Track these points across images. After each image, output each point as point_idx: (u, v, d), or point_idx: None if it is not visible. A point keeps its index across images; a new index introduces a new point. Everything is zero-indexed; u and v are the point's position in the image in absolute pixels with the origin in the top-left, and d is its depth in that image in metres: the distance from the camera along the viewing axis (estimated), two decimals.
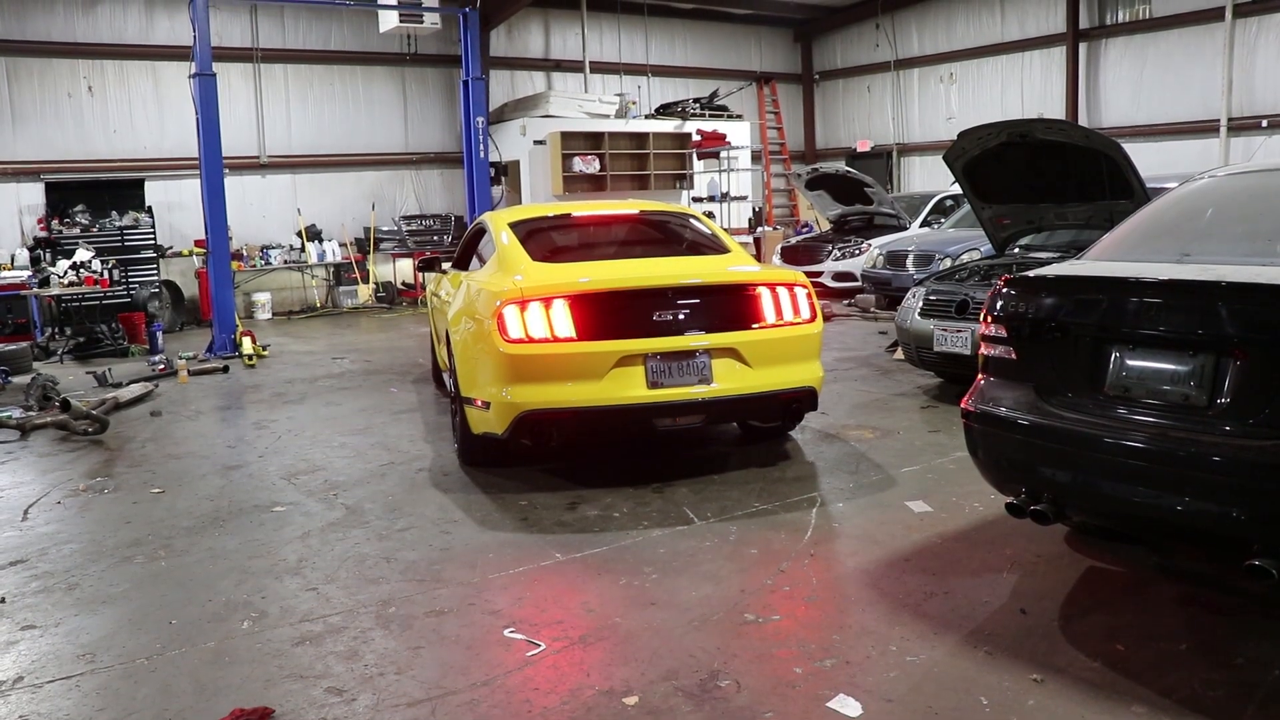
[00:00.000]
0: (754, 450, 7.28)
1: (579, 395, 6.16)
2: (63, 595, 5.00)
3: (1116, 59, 19.02)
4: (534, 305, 6.18)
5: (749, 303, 6.55)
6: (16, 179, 16.15)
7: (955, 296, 8.49)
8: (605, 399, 6.16)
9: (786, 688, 3.78)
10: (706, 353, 6.29)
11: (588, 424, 6.45)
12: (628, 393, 6.16)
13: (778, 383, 6.55)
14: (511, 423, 6.24)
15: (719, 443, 7.55)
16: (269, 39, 18.23)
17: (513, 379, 6.20)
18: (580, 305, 6.21)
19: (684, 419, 6.47)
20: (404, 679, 3.94)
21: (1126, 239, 4.78)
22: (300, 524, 5.97)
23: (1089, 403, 4.10)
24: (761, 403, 6.69)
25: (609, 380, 6.14)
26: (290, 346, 13.79)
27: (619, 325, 6.23)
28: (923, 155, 22.69)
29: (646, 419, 6.39)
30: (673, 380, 6.22)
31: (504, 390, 6.24)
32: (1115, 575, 4.85)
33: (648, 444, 7.52)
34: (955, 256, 13.31)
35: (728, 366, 6.35)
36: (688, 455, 7.24)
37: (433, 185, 20.05)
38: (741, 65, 24.09)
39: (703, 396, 6.27)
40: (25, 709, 3.83)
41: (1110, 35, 19.09)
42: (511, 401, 6.21)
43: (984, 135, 8.43)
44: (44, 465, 7.68)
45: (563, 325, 6.16)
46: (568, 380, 6.16)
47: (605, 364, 6.14)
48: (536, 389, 6.18)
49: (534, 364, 6.16)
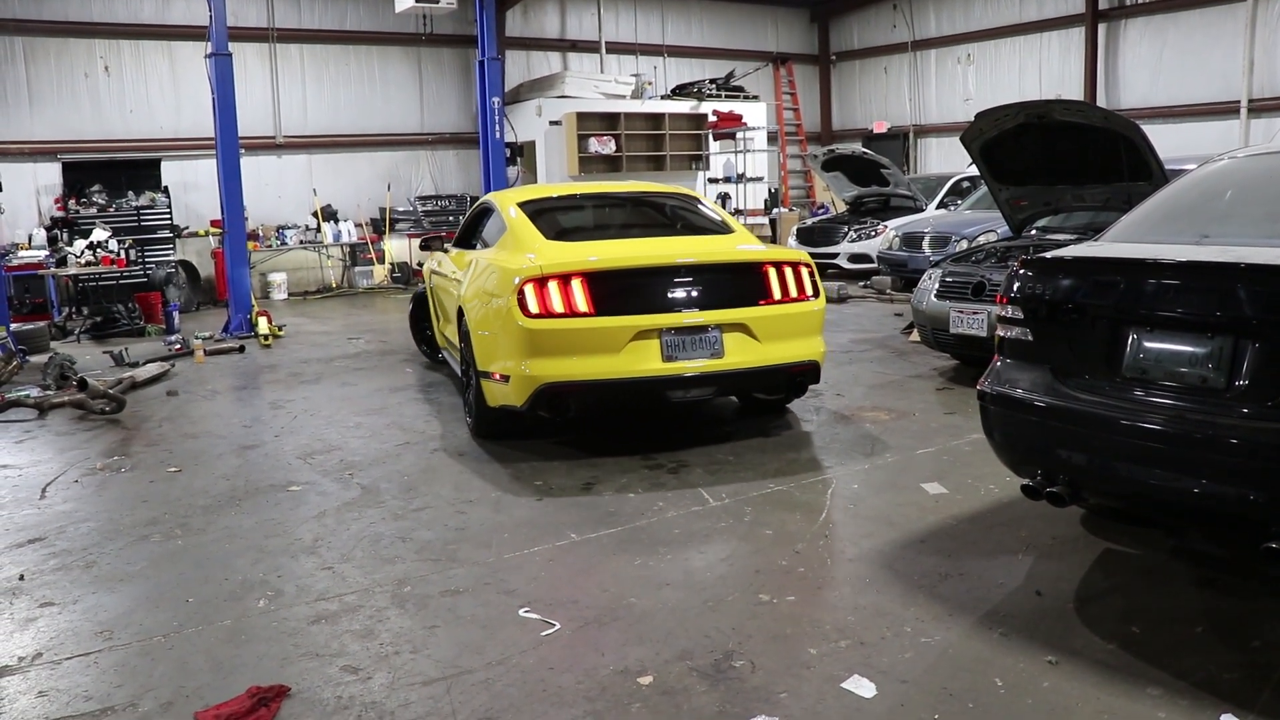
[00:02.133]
0: (769, 432, 7.28)
1: (597, 368, 6.35)
2: (80, 573, 5.03)
3: (1136, 39, 18.88)
4: (553, 282, 6.34)
5: (757, 281, 6.74)
6: (34, 159, 16.21)
7: (971, 278, 8.46)
8: (623, 372, 6.36)
9: (801, 668, 3.78)
10: (718, 328, 6.49)
11: (605, 396, 6.61)
12: (644, 366, 6.37)
13: (784, 356, 6.75)
14: (532, 395, 6.41)
15: (734, 424, 7.54)
16: (285, 19, 18.23)
17: (533, 353, 6.37)
18: (598, 282, 6.40)
19: (696, 391, 6.76)
20: (419, 658, 3.96)
21: (1145, 220, 4.75)
22: (316, 503, 5.99)
23: (1106, 385, 4.08)
24: (769, 376, 6.87)
25: (626, 354, 6.34)
26: (306, 327, 13.82)
27: (635, 301, 6.44)
28: (939, 137, 22.57)
29: (661, 391, 6.60)
30: (686, 354, 6.43)
31: (523, 364, 6.41)
32: (1131, 558, 4.83)
33: (664, 426, 7.52)
34: (971, 238, 13.26)
35: (738, 341, 6.55)
36: (703, 436, 7.24)
37: (448, 166, 20.05)
38: (758, 46, 23.98)
39: (715, 369, 6.49)
40: (45, 684, 3.86)
41: (1130, 15, 18.94)
42: (531, 375, 6.38)
43: (1002, 116, 8.37)
44: (62, 444, 7.72)
45: (581, 301, 6.35)
46: (586, 354, 6.34)
47: (623, 338, 6.33)
48: (556, 362, 6.36)
49: (554, 338, 6.34)
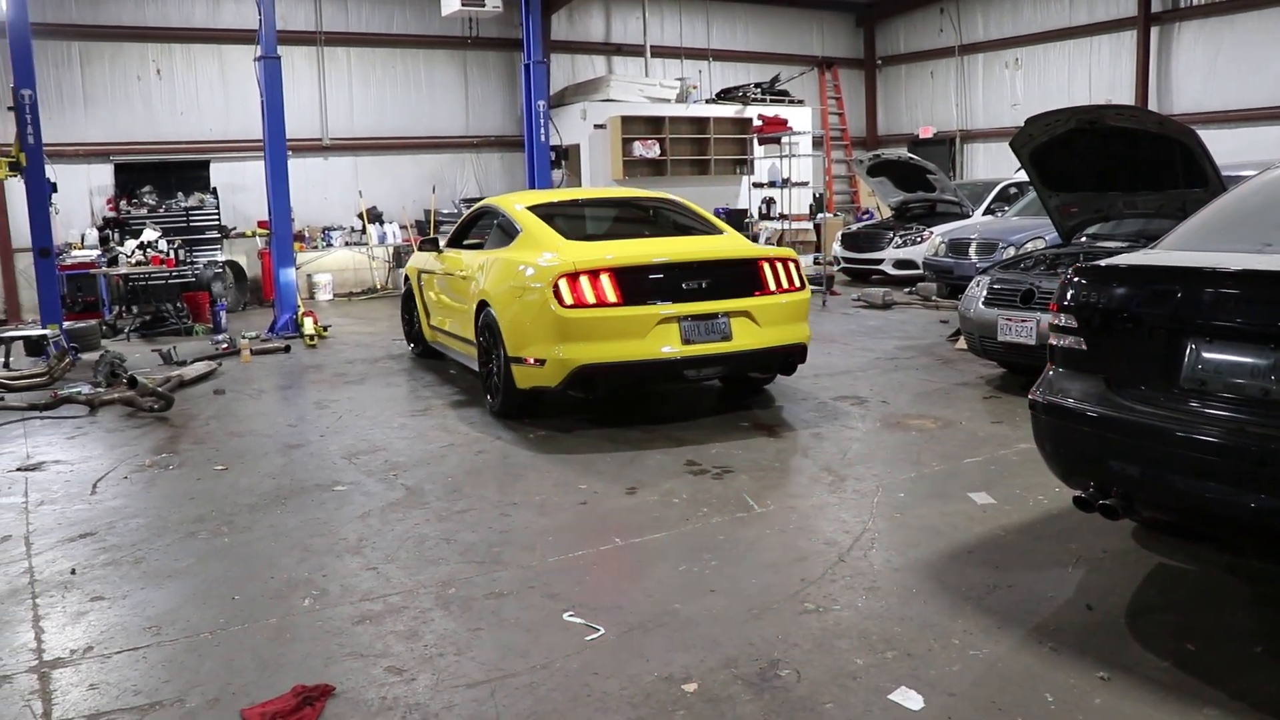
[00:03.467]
0: (814, 439, 7.23)
1: (626, 351, 7.24)
2: (130, 568, 5.08)
3: (1190, 43, 18.61)
4: (584, 277, 7.21)
5: (756, 274, 7.73)
6: (87, 160, 16.45)
7: (1020, 286, 8.35)
8: (648, 354, 7.26)
9: (847, 679, 3.74)
10: (727, 315, 7.46)
11: (633, 376, 7.56)
12: (666, 349, 7.28)
13: (780, 339, 7.74)
14: (567, 376, 7.26)
15: (778, 431, 7.50)
16: (333, 22, 18.39)
17: (567, 338, 7.20)
18: (624, 276, 7.29)
19: (709, 370, 7.72)
20: (463, 660, 3.96)
21: (1203, 228, 4.66)
22: (361, 503, 6.01)
23: (1162, 396, 4.00)
24: (769, 356, 7.83)
25: (651, 338, 7.25)
26: (350, 327, 13.91)
27: (657, 293, 7.34)
28: (986, 142, 22.39)
29: (680, 370, 7.52)
30: (701, 338, 7.37)
31: (558, 349, 7.23)
32: (1185, 573, 4.75)
33: (711, 432, 7.49)
34: (1019, 245, 13.13)
35: (743, 326, 7.52)
36: (748, 443, 7.20)
37: (493, 168, 20.12)
38: (803, 50, 23.88)
39: (725, 351, 7.44)
40: (95, 678, 3.90)
41: (1184, 19, 18.67)
42: (566, 358, 7.22)
43: (1052, 122, 8.28)
44: (111, 440, 7.81)
45: (610, 293, 7.22)
46: (616, 339, 7.22)
47: (648, 325, 7.24)
48: (589, 346, 7.21)
49: (587, 326, 7.19)
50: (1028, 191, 14.62)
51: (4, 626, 4.42)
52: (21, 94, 11.19)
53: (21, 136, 11.30)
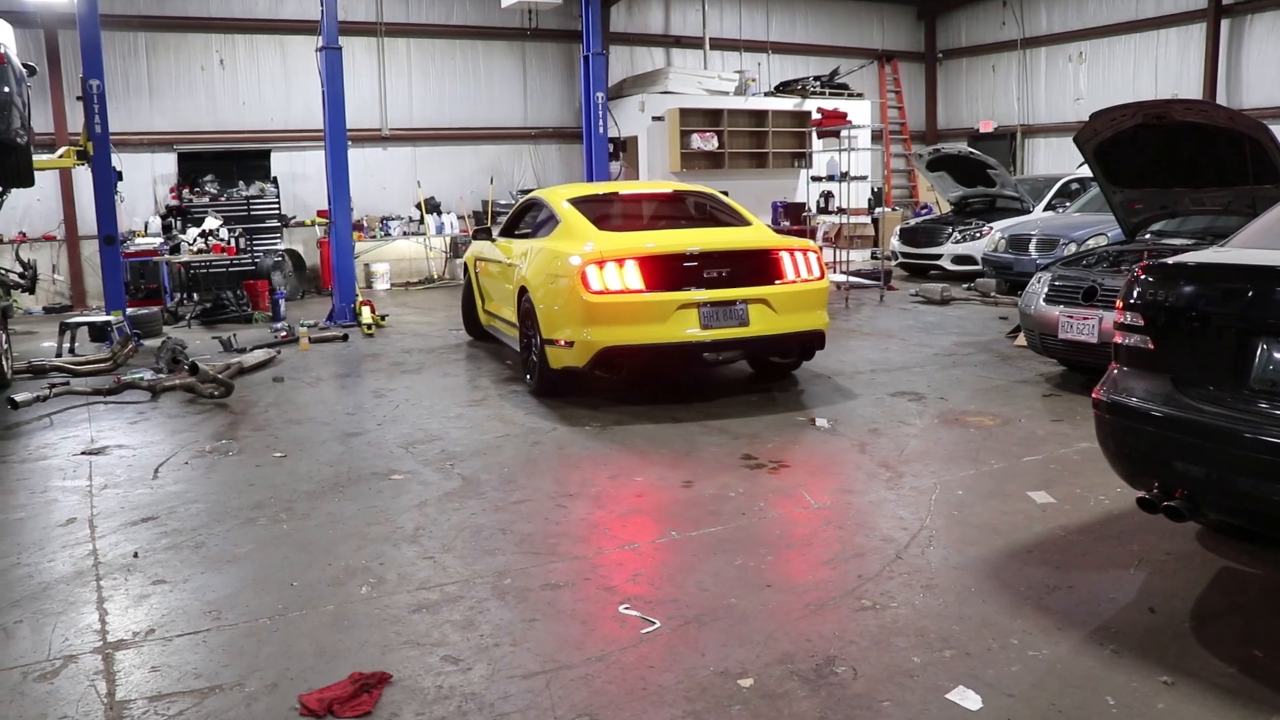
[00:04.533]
0: (872, 434, 7.18)
1: (648, 335, 7.70)
2: (190, 553, 5.15)
3: (1263, 35, 18.17)
4: (611, 264, 7.68)
5: (775, 264, 8.11)
6: (151, 149, 16.71)
7: (1083, 283, 8.22)
8: (669, 337, 7.71)
9: (904, 677, 3.71)
10: (745, 302, 7.85)
11: (654, 358, 7.97)
12: (685, 333, 7.71)
13: (797, 326, 8.12)
14: (593, 357, 7.76)
15: (838, 424, 7.45)
16: (393, 13, 18.50)
17: (594, 322, 7.68)
18: (647, 264, 7.72)
19: (726, 353, 8.14)
20: (519, 650, 3.97)
21: (1277, 225, 4.55)
22: (418, 493, 6.05)
23: (1230, 396, 3.92)
24: (786, 341, 8.25)
25: (671, 323, 7.69)
26: (408, 317, 14.02)
27: (678, 280, 7.74)
28: (1048, 137, 22.07)
29: (699, 353, 7.92)
30: (719, 323, 7.78)
31: (586, 331, 7.72)
32: (1251, 577, 4.65)
33: (767, 426, 7.47)
34: (1081, 241, 12.93)
35: (760, 312, 7.89)
36: (805, 437, 7.17)
37: (550, 160, 20.18)
38: (863, 43, 23.68)
39: (742, 335, 7.86)
40: (157, 660, 3.96)
41: (1257, 10, 18.21)
42: (592, 340, 7.72)
43: (1118, 116, 8.13)
44: (173, 426, 7.93)
45: (634, 280, 7.68)
46: (639, 323, 7.69)
47: (669, 310, 7.68)
48: (614, 330, 7.69)
49: (612, 310, 7.67)
50: (1090, 187, 14.37)
51: (70, 608, 4.50)
52: (90, 84, 11.39)
53: (89, 126, 11.50)
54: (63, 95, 15.82)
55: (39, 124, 13.73)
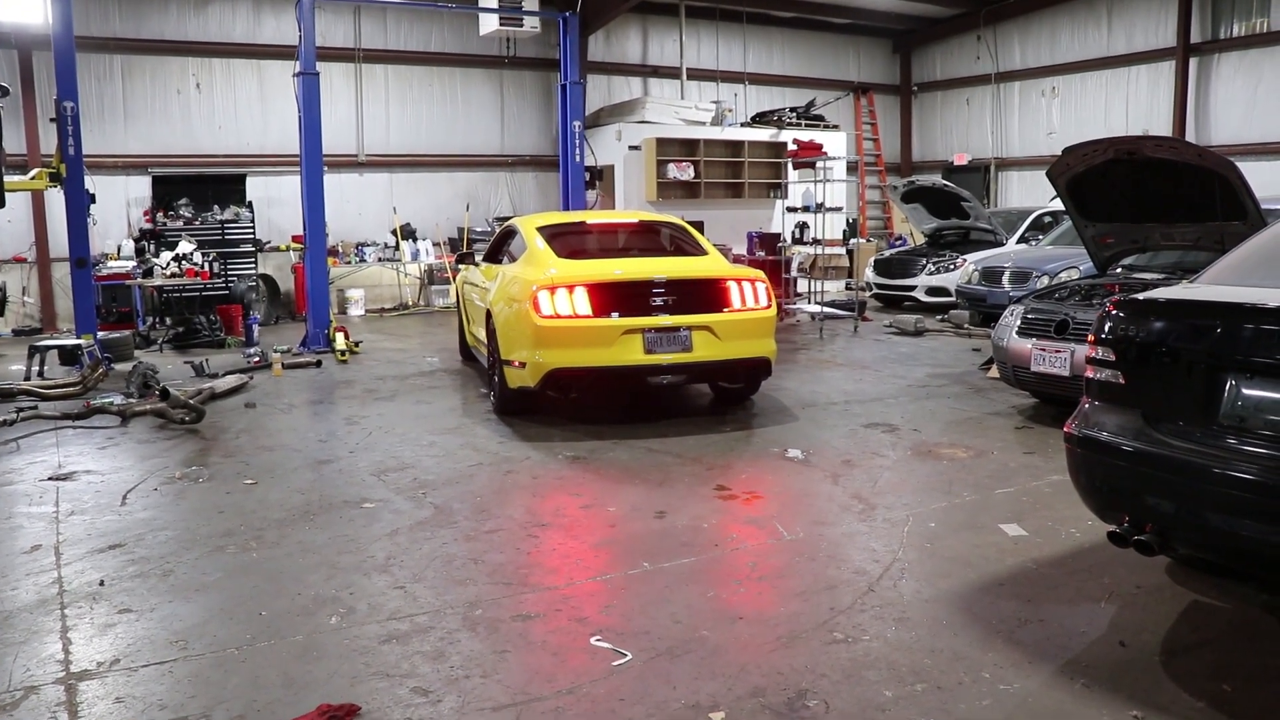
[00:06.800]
0: (845, 465, 7.19)
1: (595, 358, 8.06)
2: (158, 581, 5.09)
3: (1229, 74, 18.45)
4: (561, 290, 8.05)
5: (720, 292, 8.47)
6: (125, 172, 16.63)
7: (1055, 316, 8.29)
8: (613, 361, 8.07)
9: (876, 711, 3.70)
10: (688, 329, 8.19)
11: (599, 379, 8.27)
12: (630, 357, 8.08)
13: (741, 353, 8.46)
14: (543, 377, 8.11)
15: (812, 455, 7.46)
16: (371, 39, 18.52)
17: (543, 345, 8.04)
18: (596, 291, 8.10)
19: (670, 377, 8.36)
20: (489, 682, 3.94)
21: (1244, 263, 4.60)
22: (389, 521, 6.01)
23: (1199, 431, 3.95)
24: (729, 367, 8.68)
25: (616, 347, 8.05)
26: (382, 343, 13.96)
27: (624, 307, 8.11)
28: (1021, 170, 22.27)
29: (642, 376, 8.25)
30: (663, 348, 8.14)
31: (536, 353, 8.07)
32: (1221, 611, 4.68)
33: (741, 457, 7.47)
34: (1053, 274, 13.03)
35: (704, 339, 8.23)
36: (779, 469, 7.17)
37: (527, 187, 20.19)
38: (839, 75, 23.86)
39: (684, 360, 8.21)
40: (121, 691, 3.90)
41: (1224, 49, 18.51)
42: (542, 362, 8.07)
43: (1090, 151, 8.22)
44: (143, 451, 7.86)
45: (583, 305, 8.05)
46: (586, 346, 8.05)
47: (614, 335, 8.04)
48: (562, 352, 8.04)
49: (561, 334, 8.03)
50: (1062, 220, 14.51)
51: (33, 637, 4.44)
52: (64, 106, 11.31)
53: (63, 148, 11.42)
54: (36, 117, 15.74)
55: (11, 145, 13.61)
